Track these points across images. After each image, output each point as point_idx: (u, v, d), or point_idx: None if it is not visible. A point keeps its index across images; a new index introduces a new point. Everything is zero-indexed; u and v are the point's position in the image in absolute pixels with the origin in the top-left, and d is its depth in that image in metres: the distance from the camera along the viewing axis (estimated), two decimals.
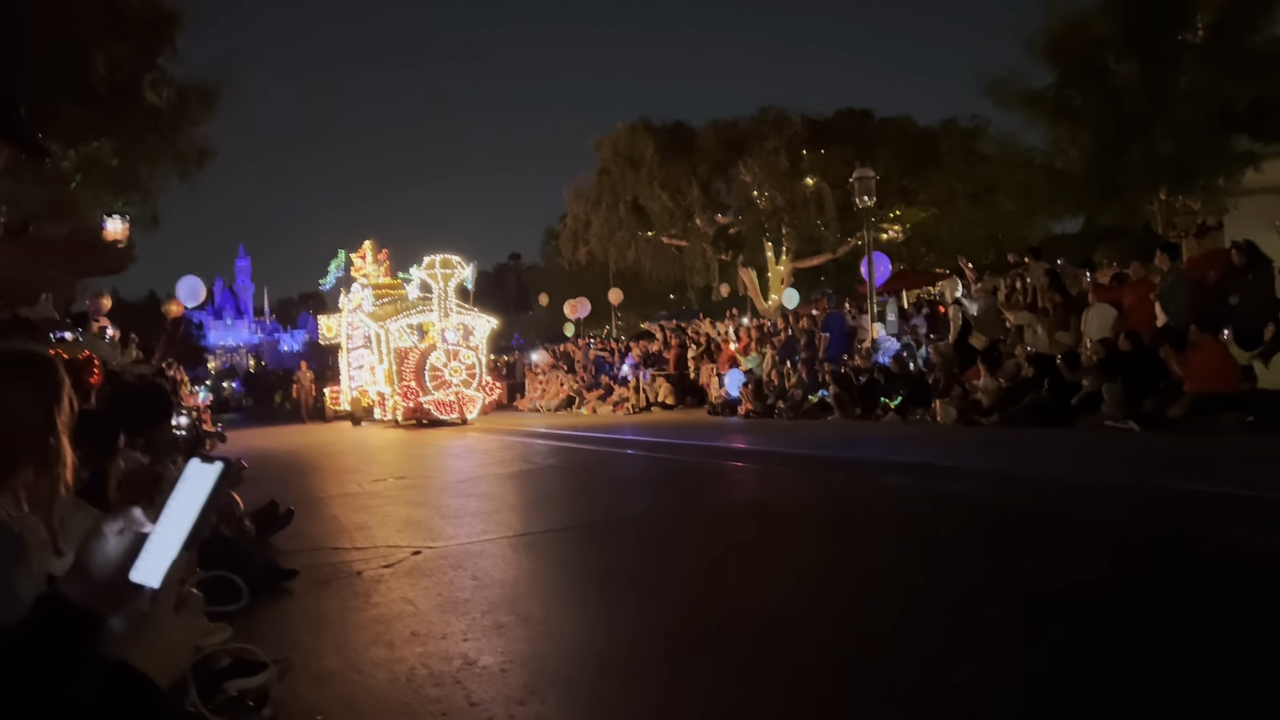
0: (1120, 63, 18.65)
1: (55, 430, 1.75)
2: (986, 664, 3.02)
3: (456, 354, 20.91)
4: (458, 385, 20.72)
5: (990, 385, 12.65)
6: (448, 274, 21.47)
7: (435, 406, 20.38)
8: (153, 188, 18.44)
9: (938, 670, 2.98)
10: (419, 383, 20.49)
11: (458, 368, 20.80)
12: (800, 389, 16.70)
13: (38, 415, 1.73)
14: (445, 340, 21.06)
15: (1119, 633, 3.25)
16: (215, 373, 65.35)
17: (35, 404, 1.73)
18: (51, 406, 1.75)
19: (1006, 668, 2.97)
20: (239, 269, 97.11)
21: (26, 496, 1.78)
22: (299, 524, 6.32)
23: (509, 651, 3.35)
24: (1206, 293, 11.63)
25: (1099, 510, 5.88)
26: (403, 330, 22.30)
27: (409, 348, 21.75)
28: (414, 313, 22.46)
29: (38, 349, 1.91)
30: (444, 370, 20.66)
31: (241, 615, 3.48)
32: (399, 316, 22.41)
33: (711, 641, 3.45)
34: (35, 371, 1.78)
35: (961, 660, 3.07)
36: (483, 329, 22.69)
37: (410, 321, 22.51)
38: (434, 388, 20.48)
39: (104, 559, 1.23)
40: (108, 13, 15.68)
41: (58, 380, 1.79)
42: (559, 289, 40.92)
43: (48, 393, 1.76)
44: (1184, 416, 9.97)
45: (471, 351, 21.46)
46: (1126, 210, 20.84)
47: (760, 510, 6.64)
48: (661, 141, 30.80)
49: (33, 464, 1.73)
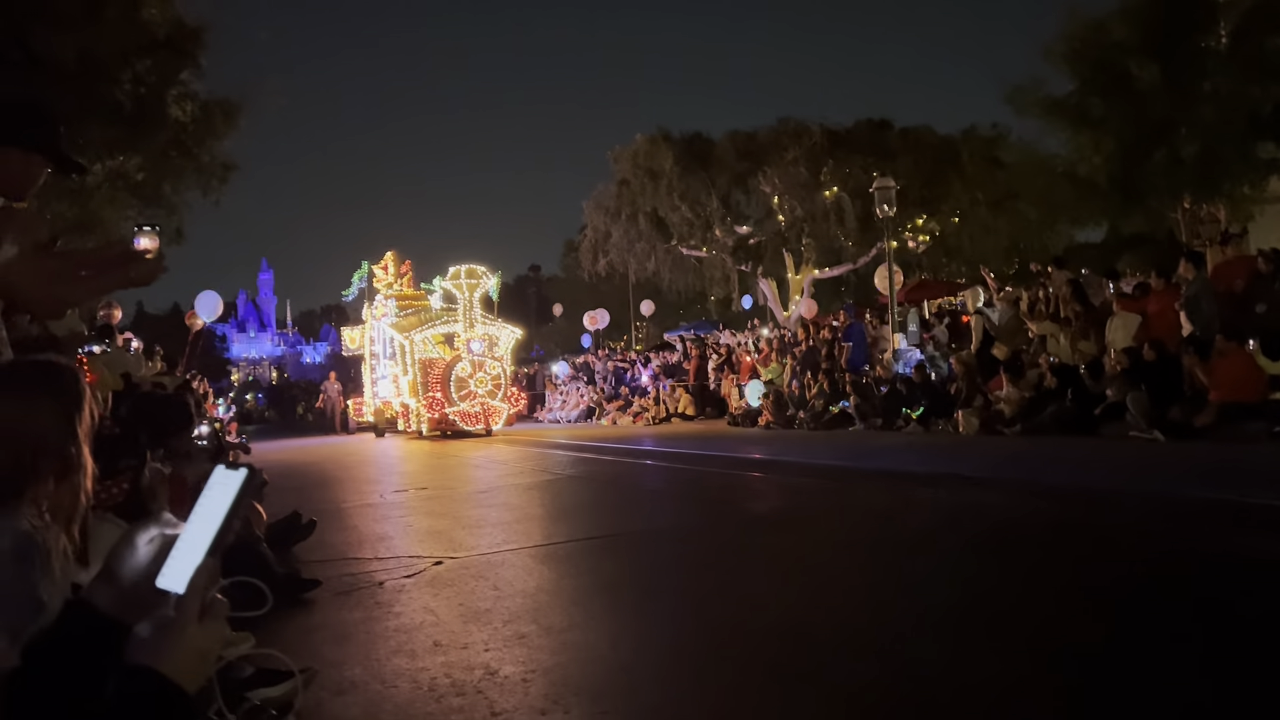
0: (1142, 69, 18.54)
1: (76, 440, 1.76)
2: (1024, 682, 2.98)
3: (482, 365, 20.79)
4: (483, 396, 20.58)
5: (1013, 395, 12.55)
6: (473, 284, 21.31)
7: (461, 417, 20.25)
8: (177, 202, 18.63)
9: (972, 687, 2.94)
10: (444, 394, 20.36)
11: (483, 378, 20.67)
12: (821, 399, 16.64)
13: (59, 425, 1.74)
14: (471, 351, 20.92)
15: (1155, 645, 3.20)
16: (238, 385, 65.88)
17: (56, 414, 1.75)
18: (72, 416, 1.77)
19: (1045, 685, 2.94)
20: (262, 282, 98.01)
21: (48, 506, 1.80)
22: (320, 534, 6.34)
23: (531, 661, 3.35)
24: (1233, 301, 11.50)
25: (1131, 521, 5.82)
26: (428, 341, 22.09)
27: (434, 358, 21.58)
28: (439, 323, 22.27)
29: (58, 359, 1.93)
30: (470, 381, 20.53)
31: (264, 625, 3.50)
32: (424, 327, 22.18)
33: (737, 655, 3.42)
34: (56, 382, 1.80)
35: (998, 679, 3.03)
36: (507, 339, 22.52)
37: (435, 332, 22.25)
38: (459, 398, 20.34)
39: (133, 566, 1.24)
40: (134, 31, 15.89)
41: (78, 391, 1.81)
42: (578, 301, 41.04)
43: (68, 403, 1.78)
44: (1210, 426, 9.86)
45: (497, 362, 21.30)
46: (1150, 218, 20.70)
47: (785, 522, 6.61)
48: (680, 153, 30.88)
49: (54, 474, 1.75)
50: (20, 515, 1.67)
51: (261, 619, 1.49)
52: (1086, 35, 19.35)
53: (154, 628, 1.15)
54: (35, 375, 1.81)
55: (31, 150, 2.59)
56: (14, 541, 1.61)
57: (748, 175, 30.64)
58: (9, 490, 1.68)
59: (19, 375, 1.83)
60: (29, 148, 2.59)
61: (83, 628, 1.22)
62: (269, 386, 66.34)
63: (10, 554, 1.60)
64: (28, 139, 2.58)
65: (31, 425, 1.70)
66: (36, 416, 1.72)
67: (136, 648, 1.14)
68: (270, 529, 5.63)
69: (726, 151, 30.84)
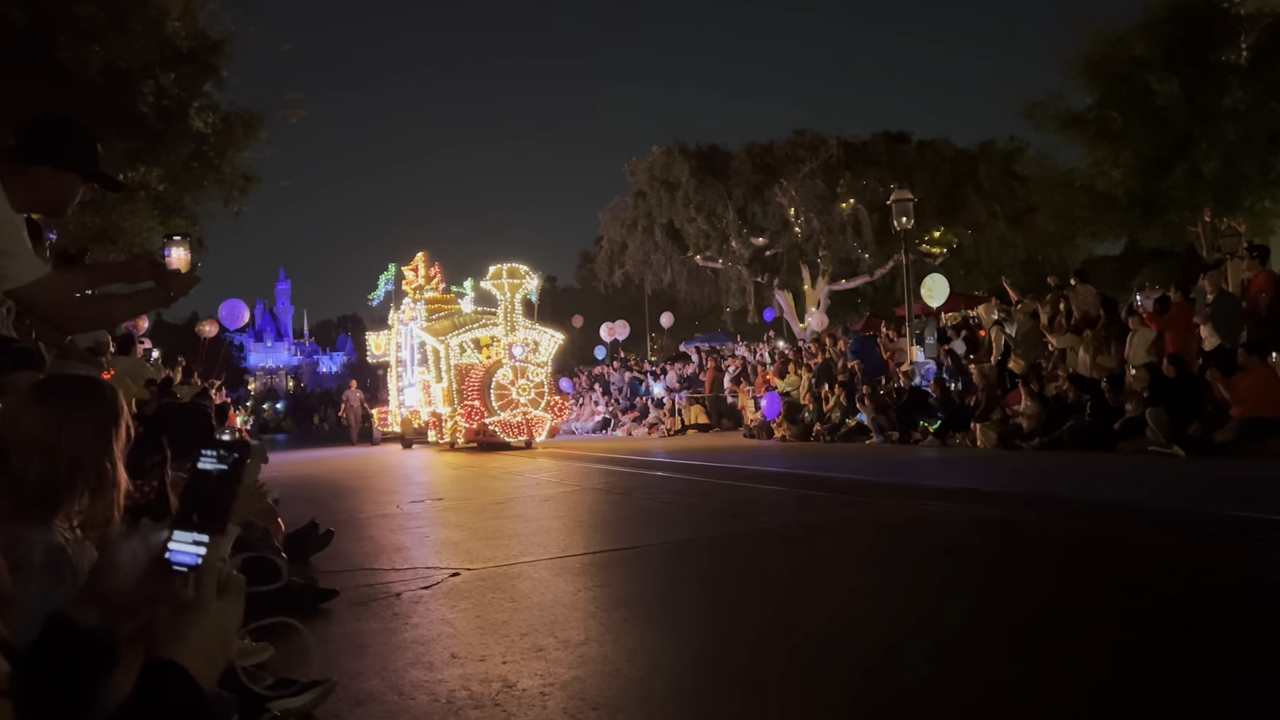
0: (1162, 84, 18.44)
1: (111, 455, 1.78)
2: (1040, 697, 2.96)
3: (524, 371, 19.19)
4: (525, 405, 18.96)
5: (1031, 409, 12.49)
6: (515, 284, 19.63)
7: (501, 428, 18.67)
8: (198, 213, 18.80)
9: (989, 705, 2.92)
10: (483, 402, 18.76)
11: (525, 386, 19.04)
12: (838, 412, 16.60)
13: (95, 440, 1.76)
14: (512, 356, 19.28)
15: (1172, 665, 3.17)
16: (255, 394, 66.24)
17: (92, 429, 1.77)
18: (109, 432, 1.79)
19: (1059, 702, 2.91)
20: (279, 292, 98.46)
21: (80, 520, 1.82)
22: (338, 544, 6.36)
23: (549, 675, 3.34)
24: (1255, 315, 11.42)
25: (1150, 538, 5.76)
26: (464, 345, 20.55)
27: (471, 364, 20.01)
28: (475, 326, 20.80)
29: (96, 375, 1.96)
30: (511, 389, 18.93)
31: (282, 636, 3.51)
32: (460, 331, 20.66)
33: (757, 670, 3.41)
34: (95, 397, 1.82)
35: (1018, 696, 3.01)
36: (549, 344, 20.99)
37: (474, 336, 20.71)
38: (500, 408, 18.74)
39: (119, 577, 1.22)
40: (158, 43, 16.07)
41: (115, 407, 1.83)
42: (592, 312, 41.08)
43: (104, 418, 1.80)
44: (1232, 441, 9.77)
45: (539, 368, 19.73)
46: (1170, 232, 20.56)
47: (804, 535, 6.58)
48: (696, 165, 30.95)
49: (89, 488, 1.76)
50: (53, 528, 1.69)
51: (281, 630, 1.50)
52: (1106, 50, 19.29)
53: (174, 610, 1.16)
54: (74, 390, 1.83)
55: (68, 169, 2.64)
56: (46, 554, 1.63)
57: (764, 187, 30.66)
58: (44, 503, 1.70)
59: (58, 389, 1.85)
60: (65, 166, 2.63)
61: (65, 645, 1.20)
62: (286, 396, 66.69)
63: (41, 566, 1.61)
64: (64, 158, 2.62)
65: (68, 439, 1.72)
66: (74, 431, 1.74)
67: (159, 634, 1.15)
68: (288, 539, 5.66)
69: (743, 163, 30.87)
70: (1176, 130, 18.45)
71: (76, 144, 2.68)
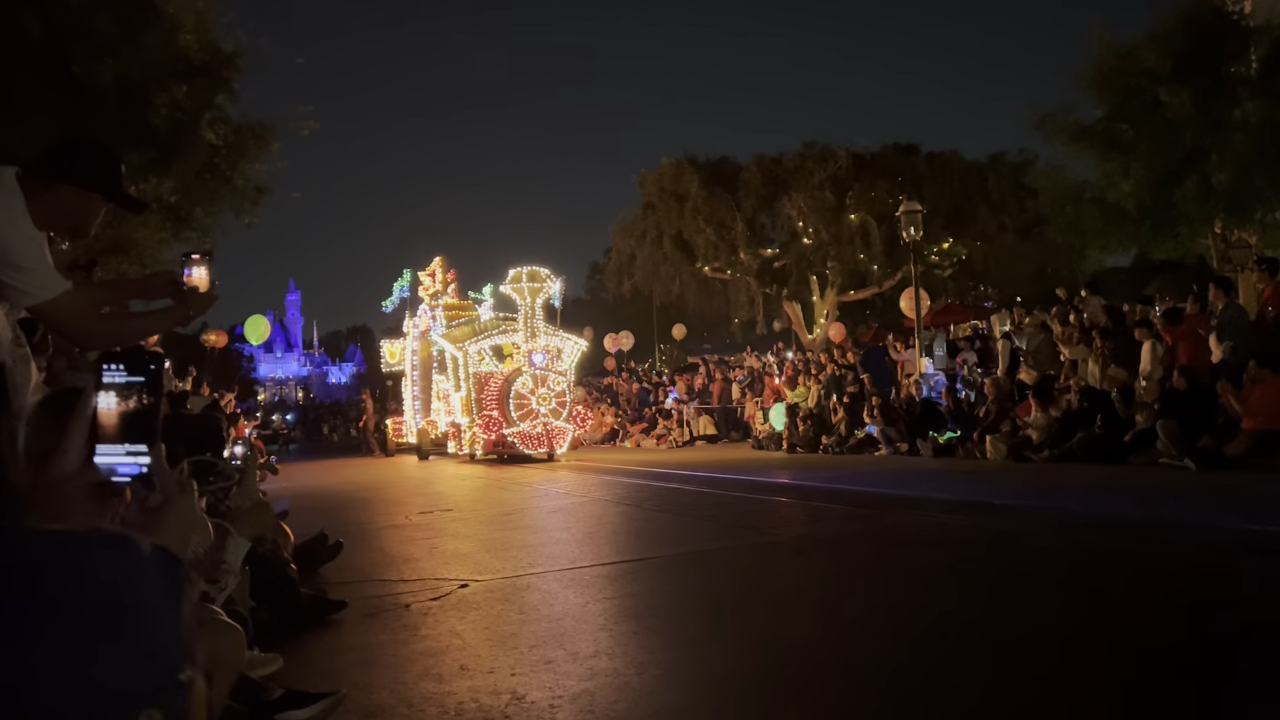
0: (1173, 95, 18.40)
1: None
2: (1046, 711, 2.94)
3: (545, 380, 18.29)
4: (545, 415, 18.05)
5: (1041, 421, 12.44)
6: (535, 288, 18.65)
7: (520, 439, 17.76)
8: (209, 224, 18.87)
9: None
10: (502, 412, 17.95)
11: (546, 395, 18.12)
12: (846, 423, 16.56)
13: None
14: (532, 364, 18.34)
15: (1181, 679, 3.15)
16: (264, 405, 66.39)
17: None
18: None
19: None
20: (289, 303, 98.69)
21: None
22: (347, 555, 6.37)
23: (558, 687, 3.34)
24: (1266, 328, 11.36)
25: (1160, 551, 5.72)
26: (484, 353, 19.66)
27: (490, 372, 19.14)
28: (495, 333, 19.83)
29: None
30: (531, 398, 18.03)
31: (292, 647, 3.52)
32: (479, 337, 19.71)
33: (764, 684, 3.40)
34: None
35: (1026, 710, 2.99)
36: (571, 351, 20.10)
37: (492, 342, 19.78)
38: (519, 418, 17.89)
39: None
40: (170, 56, 16.18)
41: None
42: (601, 323, 41.11)
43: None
44: (1243, 454, 9.71)
45: (561, 376, 18.83)
46: (1181, 244, 20.49)
47: (814, 548, 6.56)
48: (706, 177, 30.97)
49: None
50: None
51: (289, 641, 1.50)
52: (1116, 62, 19.26)
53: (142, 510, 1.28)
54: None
55: (90, 189, 2.66)
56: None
57: (773, 199, 30.65)
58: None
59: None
60: (87, 186, 2.65)
61: None
62: (295, 407, 66.84)
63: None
64: (86, 177, 2.65)
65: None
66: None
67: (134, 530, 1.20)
68: (297, 550, 5.67)
69: (752, 175, 30.89)
70: (1187, 142, 18.39)
71: (101, 165, 2.71)
